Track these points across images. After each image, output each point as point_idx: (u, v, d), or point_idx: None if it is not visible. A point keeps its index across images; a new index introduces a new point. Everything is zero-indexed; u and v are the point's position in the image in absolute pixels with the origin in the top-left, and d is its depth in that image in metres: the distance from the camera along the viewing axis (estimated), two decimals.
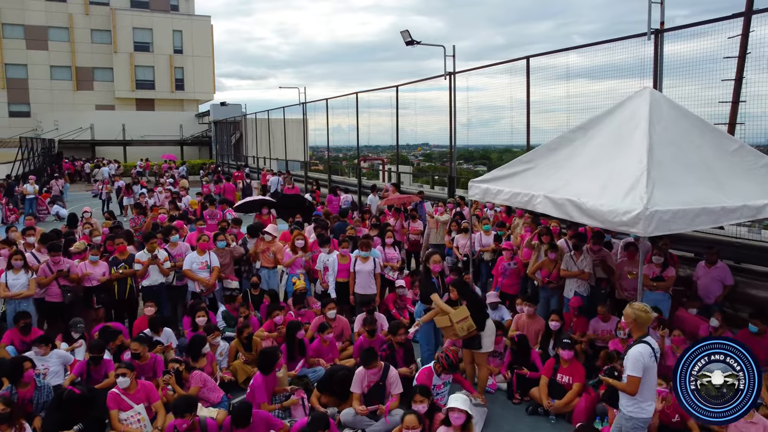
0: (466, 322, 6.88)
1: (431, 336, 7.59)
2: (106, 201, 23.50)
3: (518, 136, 14.04)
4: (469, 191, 8.79)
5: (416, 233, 12.92)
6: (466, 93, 15.57)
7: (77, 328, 7.87)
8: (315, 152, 42.91)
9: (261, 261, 9.92)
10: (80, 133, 46.22)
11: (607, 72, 10.81)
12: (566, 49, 11.84)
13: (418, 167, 38.89)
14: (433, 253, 7.60)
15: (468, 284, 7.38)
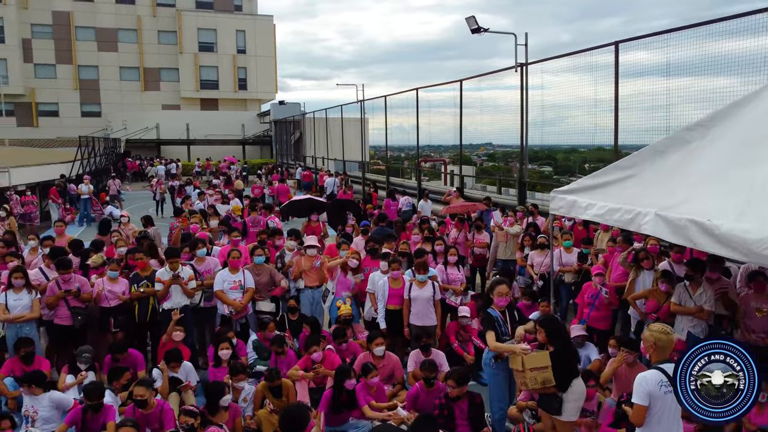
0: (543, 373, 5.34)
1: (504, 387, 6.00)
2: (160, 202, 23.03)
3: (590, 135, 12.38)
4: (552, 204, 7.15)
5: (482, 246, 11.31)
6: (540, 89, 13.87)
7: (83, 359, 6.79)
8: (376, 152, 41.72)
9: (305, 279, 8.55)
10: (146, 133, 46.92)
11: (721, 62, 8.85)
12: (666, 31, 9.92)
13: (481, 167, 36.96)
14: (500, 282, 6.01)
15: (562, 327, 5.74)
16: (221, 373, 6.80)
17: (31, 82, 49.71)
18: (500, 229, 11.09)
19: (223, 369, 6.81)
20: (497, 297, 5.82)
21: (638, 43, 10.74)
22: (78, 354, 6.76)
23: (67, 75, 51.07)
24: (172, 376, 6.63)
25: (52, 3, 49.49)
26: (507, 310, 5.89)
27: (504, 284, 5.88)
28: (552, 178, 35.27)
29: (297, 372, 6.74)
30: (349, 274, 8.36)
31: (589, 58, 11.84)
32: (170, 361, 6.61)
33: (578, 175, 35.89)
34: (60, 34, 50.13)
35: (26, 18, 48.91)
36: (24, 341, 6.72)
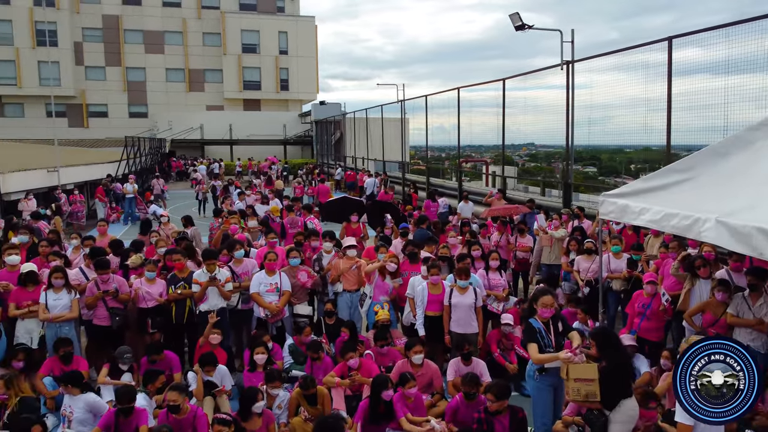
0: (587, 386, 5.03)
1: (549, 401, 5.69)
2: (202, 201, 23.30)
3: (638, 135, 11.91)
4: (601, 208, 6.77)
5: (525, 250, 10.94)
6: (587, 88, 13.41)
7: (125, 359, 6.76)
8: (417, 152, 41.39)
9: (342, 283, 8.36)
10: (191, 133, 47.86)
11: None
12: (723, 26, 9.37)
13: (523, 167, 36.25)
14: (544, 292, 5.67)
15: (616, 341, 5.38)
16: (256, 378, 6.68)
17: (81, 84, 51.28)
18: (545, 232, 10.69)
19: (259, 374, 6.68)
20: (541, 308, 5.51)
21: (692, 39, 10.21)
22: (118, 355, 6.74)
23: (116, 77, 52.49)
24: (207, 380, 6.53)
25: (102, 7, 50.97)
26: (551, 321, 5.57)
27: (549, 295, 5.55)
28: (597, 179, 34.34)
29: (333, 379, 6.55)
30: (387, 278, 8.13)
31: (640, 55, 11.37)
32: (205, 365, 6.52)
33: (624, 176, 34.88)
34: (109, 37, 51.57)
35: (78, 22, 50.49)
36: (63, 341, 6.73)
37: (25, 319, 7.02)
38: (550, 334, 5.54)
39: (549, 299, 5.49)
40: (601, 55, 12.21)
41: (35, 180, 19.36)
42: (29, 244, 8.79)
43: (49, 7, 47.73)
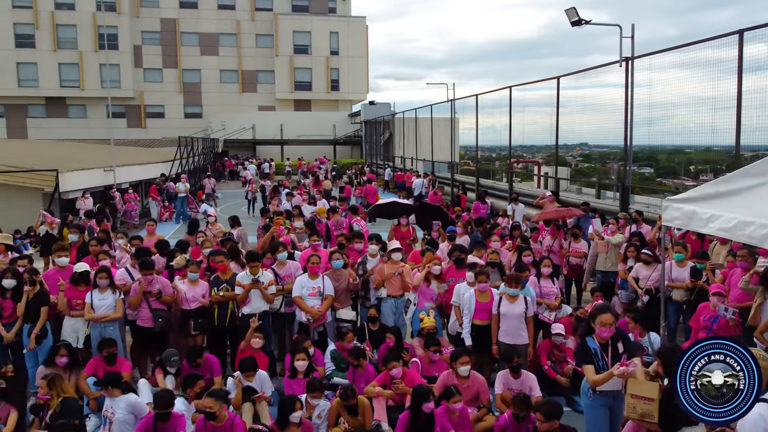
0: (645, 404, 4.64)
1: (603, 421, 5.28)
2: (251, 201, 23.52)
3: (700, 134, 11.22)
4: (665, 213, 6.29)
5: (579, 256, 10.43)
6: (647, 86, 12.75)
7: (172, 362, 6.71)
8: (467, 152, 40.82)
9: (387, 288, 8.09)
10: (243, 133, 48.72)
11: None
12: None
13: (576, 168, 35.24)
14: (604, 310, 5.22)
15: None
16: (296, 385, 6.52)
17: (140, 85, 52.90)
18: (600, 238, 10.16)
19: (299, 380, 6.52)
20: (599, 327, 5.08)
21: (764, 33, 9.51)
22: (165, 359, 6.70)
23: (173, 78, 53.90)
24: (246, 385, 6.40)
25: (160, 11, 52.45)
26: (610, 341, 5.14)
27: (608, 313, 5.10)
28: (654, 180, 33.00)
29: (374, 389, 6.31)
30: (432, 283, 7.83)
31: (703, 51, 10.69)
32: (245, 371, 6.39)
33: (683, 177, 33.40)
34: (166, 40, 53.02)
35: (137, 26, 52.12)
36: (107, 342, 6.73)
37: (75, 316, 7.07)
38: (607, 356, 5.11)
39: (608, 318, 5.05)
40: (664, 50, 11.55)
41: (92, 179, 19.94)
42: (80, 243, 8.91)
43: (111, 11, 49.54)
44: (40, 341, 6.88)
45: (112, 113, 28.65)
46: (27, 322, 6.88)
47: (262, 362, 6.94)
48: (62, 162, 21.07)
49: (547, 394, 6.83)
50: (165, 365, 6.78)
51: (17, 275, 6.94)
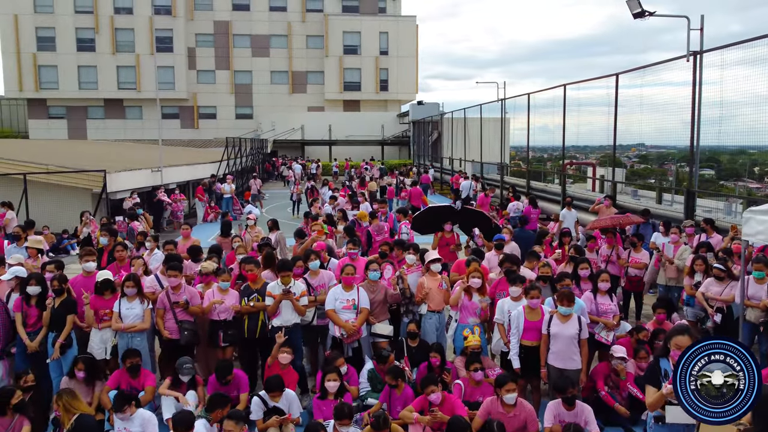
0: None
1: None
2: (296, 202, 23.31)
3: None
4: (745, 227, 5.50)
5: (639, 267, 9.58)
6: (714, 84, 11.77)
7: (184, 370, 6.35)
8: (518, 152, 39.73)
9: (428, 303, 7.48)
10: (292, 134, 48.94)
11: None
12: None
13: (632, 169, 33.80)
14: (682, 332, 4.53)
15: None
16: (326, 407, 6.04)
17: (193, 87, 53.88)
18: (671, 263, 9.31)
19: (329, 402, 6.04)
20: (675, 349, 4.40)
21: None
22: (178, 367, 6.35)
23: (225, 80, 54.68)
24: (273, 405, 5.97)
25: (214, 14, 53.30)
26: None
27: (687, 335, 4.42)
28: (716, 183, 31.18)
29: (411, 414, 5.75)
30: (474, 296, 7.17)
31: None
32: (270, 390, 5.95)
33: (747, 179, 31.46)
34: (219, 42, 53.83)
35: (191, 29, 53.10)
36: (131, 352, 6.42)
37: (102, 328, 6.79)
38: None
39: (685, 340, 4.36)
40: (736, 43, 10.56)
41: (139, 179, 20.09)
42: (110, 246, 8.69)
43: (166, 15, 50.64)
44: (65, 351, 6.62)
45: (166, 114, 29.08)
46: (52, 330, 6.64)
47: (290, 379, 6.49)
48: (113, 162, 21.38)
49: (602, 424, 6.14)
50: (178, 373, 6.43)
51: (41, 282, 6.71)
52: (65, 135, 51.46)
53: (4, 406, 5.41)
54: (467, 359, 6.54)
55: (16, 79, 50.08)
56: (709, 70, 11.57)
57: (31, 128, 52.05)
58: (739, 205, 16.00)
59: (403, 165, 40.29)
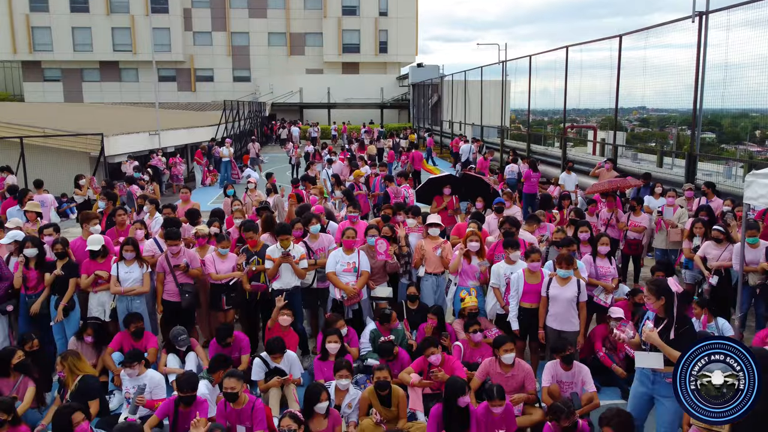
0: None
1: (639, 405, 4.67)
2: (295, 166, 23.20)
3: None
4: (747, 190, 5.47)
5: (639, 231, 9.59)
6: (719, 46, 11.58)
7: (179, 342, 6.41)
8: (518, 116, 39.38)
9: (426, 265, 7.53)
10: (290, 97, 48.40)
11: None
12: None
13: (632, 133, 33.56)
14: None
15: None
16: (327, 368, 6.10)
17: (190, 49, 53.00)
18: (674, 226, 9.30)
19: (330, 363, 6.09)
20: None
21: None
22: (173, 338, 6.41)
23: (222, 42, 53.74)
24: (274, 367, 6.04)
25: None
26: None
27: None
28: (717, 147, 30.96)
29: (409, 376, 5.83)
30: (474, 259, 7.18)
31: None
32: (272, 352, 6.01)
33: (748, 143, 31.26)
34: (216, 2, 52.71)
35: None
36: (133, 316, 6.47)
37: (98, 291, 6.83)
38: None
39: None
40: (744, 3, 10.34)
41: (137, 143, 19.95)
42: (108, 210, 8.66)
43: None
44: (68, 313, 6.68)
45: (163, 77, 28.67)
46: (54, 293, 6.68)
47: (291, 341, 6.56)
48: (110, 126, 21.17)
49: (599, 384, 6.23)
50: (173, 345, 6.50)
51: (38, 244, 6.72)
52: (61, 98, 50.85)
53: (5, 367, 5.48)
54: (465, 321, 6.59)
55: (10, 41, 49.23)
56: (714, 32, 11.40)
57: (26, 91, 51.43)
58: (739, 168, 15.95)
59: (402, 128, 39.99)
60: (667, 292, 4.50)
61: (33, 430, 5.16)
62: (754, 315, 7.78)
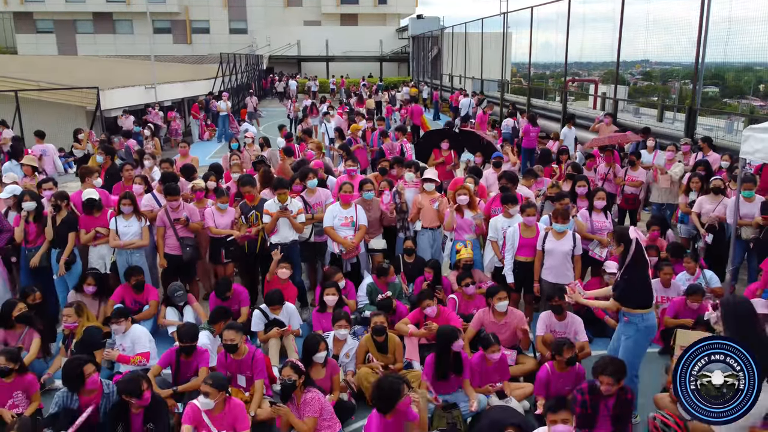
0: None
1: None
2: (293, 120, 23.02)
3: None
4: (744, 145, 5.47)
5: (636, 185, 9.61)
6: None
7: (176, 298, 6.53)
8: (519, 69, 38.75)
9: (422, 220, 7.59)
10: (288, 49, 47.55)
11: None
12: None
13: (634, 87, 33.14)
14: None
15: (748, 315, 4.17)
16: (325, 319, 6.23)
17: (185, 0, 51.79)
18: (663, 172, 9.28)
19: (328, 315, 6.21)
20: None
21: None
22: (170, 295, 6.52)
23: None
24: (273, 318, 6.16)
25: None
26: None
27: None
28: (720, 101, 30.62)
29: (406, 327, 5.95)
30: (466, 213, 7.20)
31: None
32: (271, 304, 6.13)
33: (751, 97, 30.88)
34: None
35: None
36: (134, 270, 6.56)
37: (98, 245, 6.90)
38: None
39: None
40: None
41: (133, 97, 19.73)
42: (107, 164, 8.66)
43: None
44: (69, 267, 6.76)
45: (158, 29, 28.09)
46: (55, 247, 6.75)
47: (290, 294, 6.68)
48: (105, 79, 20.89)
49: (591, 335, 6.36)
50: (171, 301, 6.61)
51: (36, 197, 6.75)
52: (55, 50, 49.92)
53: (8, 319, 5.59)
54: (459, 274, 6.69)
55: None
56: None
57: (19, 43, 50.45)
58: (740, 123, 15.85)
59: (402, 82, 39.47)
60: (626, 239, 4.64)
61: (39, 379, 5.29)
62: (747, 269, 7.89)
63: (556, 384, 4.91)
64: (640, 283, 4.64)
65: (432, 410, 5.04)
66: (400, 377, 4.47)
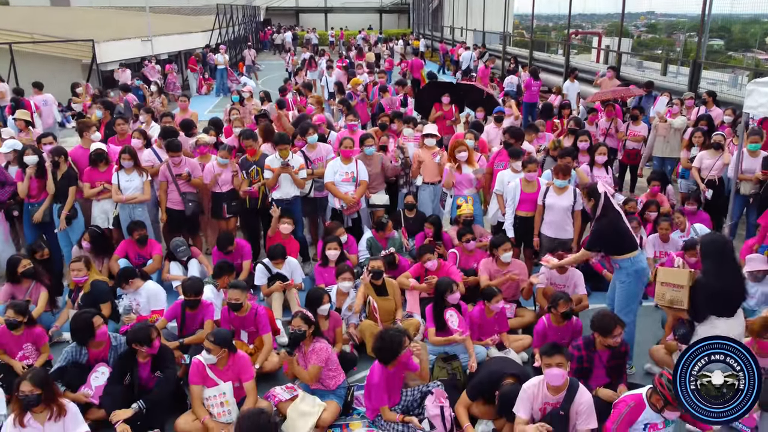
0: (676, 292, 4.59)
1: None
2: (292, 73, 22.68)
3: None
4: (748, 99, 5.43)
5: (638, 140, 9.58)
6: None
7: (180, 253, 6.60)
8: (522, 21, 38.02)
9: (423, 175, 7.59)
10: (285, 0, 46.47)
11: None
12: None
13: (638, 39, 32.58)
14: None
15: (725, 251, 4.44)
16: (327, 273, 6.31)
17: None
18: (662, 120, 9.22)
19: (330, 269, 6.29)
20: None
21: None
22: (173, 249, 6.58)
23: None
24: (276, 272, 6.25)
25: None
26: None
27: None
28: (726, 54, 30.15)
29: (407, 281, 6.05)
30: (464, 168, 7.19)
31: None
32: (273, 258, 6.20)
33: (756, 50, 30.34)
34: None
35: None
36: (137, 224, 6.61)
37: (101, 200, 6.93)
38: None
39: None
40: None
41: (129, 50, 19.41)
42: (106, 119, 8.59)
43: None
44: (71, 222, 6.79)
45: None
46: (57, 202, 6.77)
47: (292, 248, 6.75)
48: (101, 31, 20.49)
49: (590, 289, 6.46)
50: (174, 256, 6.67)
51: (37, 151, 6.73)
52: (47, 1, 48.72)
53: (14, 274, 5.66)
54: (459, 230, 6.74)
55: None
56: None
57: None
58: (745, 77, 15.66)
59: (402, 34, 38.76)
60: (595, 194, 4.91)
61: (48, 332, 5.41)
62: (745, 224, 7.94)
63: (553, 337, 5.01)
64: (612, 231, 4.89)
65: (432, 361, 5.17)
66: (401, 329, 4.57)
